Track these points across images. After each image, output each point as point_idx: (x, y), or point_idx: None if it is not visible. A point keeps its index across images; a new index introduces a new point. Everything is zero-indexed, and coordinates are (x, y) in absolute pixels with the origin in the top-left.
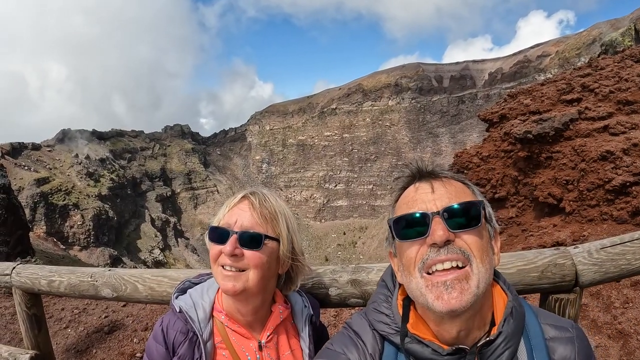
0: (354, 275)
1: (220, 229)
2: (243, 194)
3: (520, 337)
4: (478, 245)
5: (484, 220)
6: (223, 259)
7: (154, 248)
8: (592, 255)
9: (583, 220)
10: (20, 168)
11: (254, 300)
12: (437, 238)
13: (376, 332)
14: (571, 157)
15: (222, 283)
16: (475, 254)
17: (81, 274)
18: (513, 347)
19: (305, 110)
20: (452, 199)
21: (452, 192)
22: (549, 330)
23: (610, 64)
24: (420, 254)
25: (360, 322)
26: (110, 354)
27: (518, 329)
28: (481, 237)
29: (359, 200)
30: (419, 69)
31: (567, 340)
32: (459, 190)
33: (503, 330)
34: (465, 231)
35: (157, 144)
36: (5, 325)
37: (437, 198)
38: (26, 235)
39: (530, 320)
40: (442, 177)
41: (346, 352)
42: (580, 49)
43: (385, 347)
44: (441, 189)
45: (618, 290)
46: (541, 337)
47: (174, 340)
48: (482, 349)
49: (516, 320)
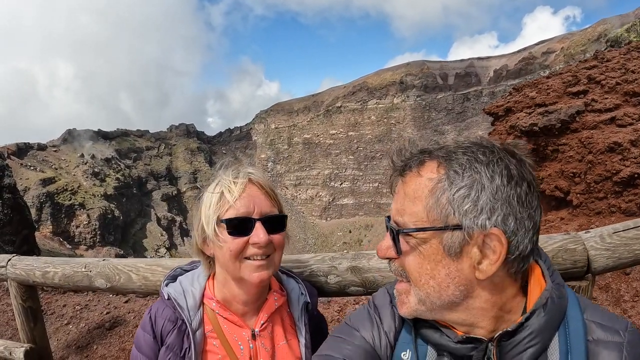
0: (354, 262)
1: (240, 219)
2: (245, 177)
3: (552, 334)
4: (410, 269)
5: (418, 241)
6: (251, 251)
7: (160, 247)
8: (604, 240)
9: (591, 213)
10: (26, 168)
11: (267, 283)
12: (379, 254)
13: (395, 309)
14: (578, 149)
15: (254, 275)
16: (411, 277)
17: (75, 264)
18: (540, 344)
19: (311, 108)
20: (399, 211)
21: (403, 200)
22: (594, 331)
23: (617, 56)
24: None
25: (383, 297)
26: (111, 349)
27: (551, 323)
28: (412, 261)
29: (365, 198)
30: (424, 66)
31: (615, 345)
32: (411, 193)
33: (529, 324)
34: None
35: (163, 143)
36: (7, 322)
37: (393, 203)
38: (32, 235)
39: (573, 315)
40: (405, 171)
41: (360, 329)
42: (585, 45)
43: (404, 327)
44: (395, 194)
45: (628, 283)
46: (582, 338)
47: (162, 329)
48: (502, 341)
49: (550, 314)
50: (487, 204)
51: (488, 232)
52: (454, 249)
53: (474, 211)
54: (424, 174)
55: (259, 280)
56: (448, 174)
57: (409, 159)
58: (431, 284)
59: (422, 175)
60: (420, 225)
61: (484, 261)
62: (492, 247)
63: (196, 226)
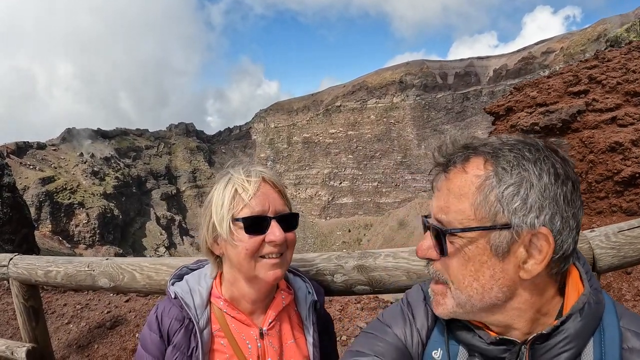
0: (361, 261)
1: (256, 217)
2: (256, 175)
3: (587, 340)
4: (451, 272)
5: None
6: (267, 249)
7: (160, 246)
8: (609, 239)
9: (592, 213)
10: (26, 167)
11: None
12: (419, 254)
13: (429, 307)
14: (579, 149)
15: (269, 273)
16: (452, 280)
17: (78, 263)
18: (574, 350)
19: (310, 107)
20: (442, 209)
21: (448, 197)
22: (630, 339)
23: (617, 56)
24: None
25: (417, 294)
26: (112, 349)
27: (587, 329)
28: (455, 263)
29: (364, 197)
30: (424, 65)
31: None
32: (457, 190)
33: (564, 328)
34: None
35: (162, 142)
36: (7, 321)
37: (435, 201)
38: (31, 234)
39: (609, 322)
40: (448, 168)
41: (392, 325)
42: (585, 45)
43: (437, 326)
44: (438, 190)
45: (629, 282)
46: (617, 345)
47: (169, 328)
48: (535, 344)
49: (586, 319)
50: (535, 202)
51: (537, 231)
52: (502, 249)
53: (523, 209)
54: (469, 170)
55: (273, 278)
56: (496, 170)
57: (452, 154)
58: (474, 286)
59: (468, 171)
60: (467, 224)
61: (529, 261)
62: (539, 247)
63: (206, 225)
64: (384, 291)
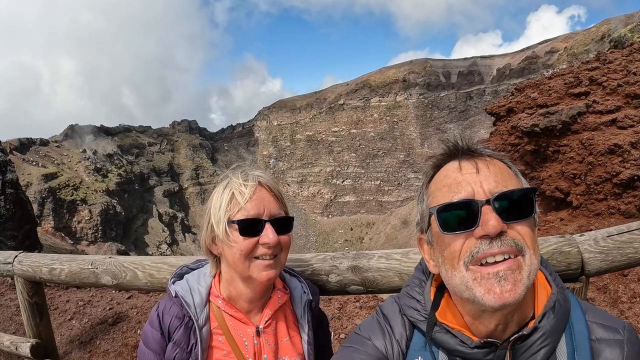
0: (355, 261)
1: (250, 220)
2: (255, 181)
3: (561, 335)
4: (531, 235)
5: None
6: (261, 250)
7: (162, 243)
8: (598, 243)
9: (590, 214)
10: (29, 164)
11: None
12: (490, 229)
13: (406, 318)
14: (579, 150)
15: (263, 274)
16: (530, 245)
17: (82, 261)
18: (551, 345)
19: (313, 105)
20: (500, 183)
21: (498, 175)
22: (596, 330)
23: (619, 58)
24: (467, 246)
25: (391, 307)
26: (113, 345)
27: (559, 325)
28: (533, 227)
29: (367, 196)
30: (427, 64)
31: (616, 343)
32: (504, 172)
33: (541, 326)
34: (519, 222)
35: (165, 139)
36: (11, 317)
37: (484, 180)
38: (34, 230)
39: (576, 317)
40: (485, 156)
41: (372, 338)
42: (589, 45)
43: (415, 335)
44: (485, 170)
45: (625, 284)
46: (586, 337)
47: (169, 326)
48: (515, 344)
49: (558, 316)
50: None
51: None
52: (536, 223)
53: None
54: (495, 161)
55: (267, 279)
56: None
57: (478, 147)
58: (537, 250)
59: (496, 161)
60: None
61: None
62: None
63: (205, 226)
64: (377, 291)
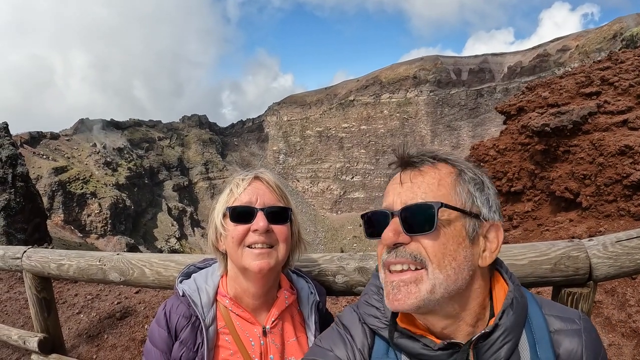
0: (362, 262)
1: (242, 207)
2: (253, 174)
3: (521, 330)
4: (434, 250)
5: (445, 222)
6: (252, 238)
7: (171, 237)
8: (607, 249)
9: (600, 216)
10: (39, 157)
11: (274, 277)
12: (385, 240)
13: (366, 326)
14: (589, 151)
15: (254, 263)
16: (432, 259)
17: (90, 257)
18: (513, 341)
19: (324, 101)
20: (418, 196)
21: (422, 187)
22: (553, 322)
23: (631, 57)
24: (380, 252)
25: (350, 316)
26: (121, 339)
27: (519, 321)
28: (437, 241)
29: (376, 192)
30: (438, 61)
31: (574, 332)
32: (434, 184)
33: (501, 323)
34: (422, 235)
35: (175, 133)
36: (19, 310)
37: (403, 192)
38: (44, 223)
39: (533, 311)
40: (418, 165)
41: (334, 348)
42: (601, 43)
43: (376, 342)
44: (408, 182)
45: (634, 288)
46: (545, 330)
47: (176, 325)
48: (478, 343)
49: (516, 312)
50: (493, 201)
51: (494, 223)
52: (472, 235)
53: (487, 204)
54: (441, 168)
55: (258, 269)
56: (464, 172)
57: (422, 155)
58: (453, 265)
59: (440, 169)
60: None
61: (486, 250)
62: (493, 238)
63: (211, 224)
64: None
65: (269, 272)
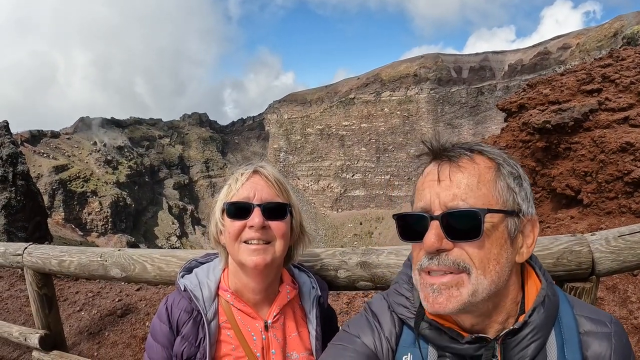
0: (364, 257)
1: (239, 203)
2: (252, 168)
3: (550, 329)
4: (479, 256)
5: (489, 227)
6: (248, 234)
7: (171, 235)
8: (609, 243)
9: (601, 213)
10: (39, 155)
11: (273, 273)
12: (427, 247)
13: (395, 315)
14: (590, 148)
15: (251, 258)
16: (476, 264)
17: (91, 253)
18: (541, 339)
19: (324, 99)
20: (458, 197)
21: (461, 185)
22: (584, 324)
23: (632, 55)
24: (419, 256)
25: (380, 304)
26: (122, 336)
27: (549, 319)
28: (482, 248)
29: (376, 190)
30: (438, 59)
31: (604, 335)
32: (473, 181)
33: (531, 321)
34: (467, 242)
35: (175, 132)
36: (20, 308)
37: (442, 191)
38: (44, 222)
39: (564, 311)
40: (456, 158)
41: (361, 335)
42: (601, 41)
43: (404, 331)
44: (447, 180)
45: (635, 284)
46: (575, 331)
47: (178, 319)
48: (506, 339)
49: (547, 310)
50: (530, 194)
51: (531, 218)
52: (513, 233)
53: (526, 199)
54: (479, 162)
55: (253, 264)
56: (502, 165)
57: (457, 146)
58: (497, 269)
59: (479, 163)
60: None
61: (523, 245)
62: (529, 233)
63: (212, 217)
64: (386, 288)
65: (266, 268)
